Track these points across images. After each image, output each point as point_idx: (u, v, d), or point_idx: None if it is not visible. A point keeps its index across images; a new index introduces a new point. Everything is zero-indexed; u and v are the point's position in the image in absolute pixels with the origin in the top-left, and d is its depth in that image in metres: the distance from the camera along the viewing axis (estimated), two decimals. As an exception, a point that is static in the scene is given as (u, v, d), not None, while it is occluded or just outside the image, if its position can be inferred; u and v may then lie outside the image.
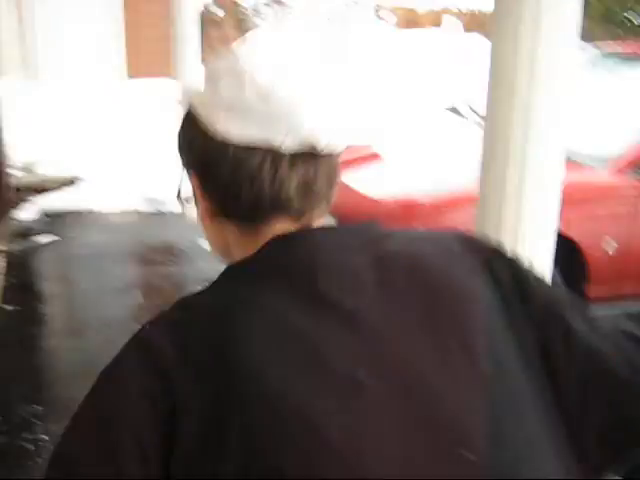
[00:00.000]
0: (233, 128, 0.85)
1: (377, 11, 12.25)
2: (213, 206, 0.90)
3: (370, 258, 0.85)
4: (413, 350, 0.79)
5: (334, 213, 2.08)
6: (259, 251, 0.86)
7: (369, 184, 3.72)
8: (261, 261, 0.85)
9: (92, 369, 0.87)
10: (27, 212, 6.01)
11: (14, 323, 4.15)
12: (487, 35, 8.19)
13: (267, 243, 0.86)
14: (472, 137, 4.32)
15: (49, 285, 4.84)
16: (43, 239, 5.50)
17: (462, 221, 3.40)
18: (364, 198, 3.59)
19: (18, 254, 5.21)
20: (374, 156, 4.15)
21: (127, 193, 6.05)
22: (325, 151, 0.87)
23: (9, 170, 5.99)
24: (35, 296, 4.63)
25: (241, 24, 11.24)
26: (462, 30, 10.80)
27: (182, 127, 0.93)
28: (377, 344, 0.79)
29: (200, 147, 0.88)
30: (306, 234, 0.87)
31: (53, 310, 4.38)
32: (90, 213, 6.00)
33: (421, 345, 0.80)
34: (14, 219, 5.84)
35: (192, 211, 0.97)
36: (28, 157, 6.62)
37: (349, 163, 4.06)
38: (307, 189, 0.87)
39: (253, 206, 0.86)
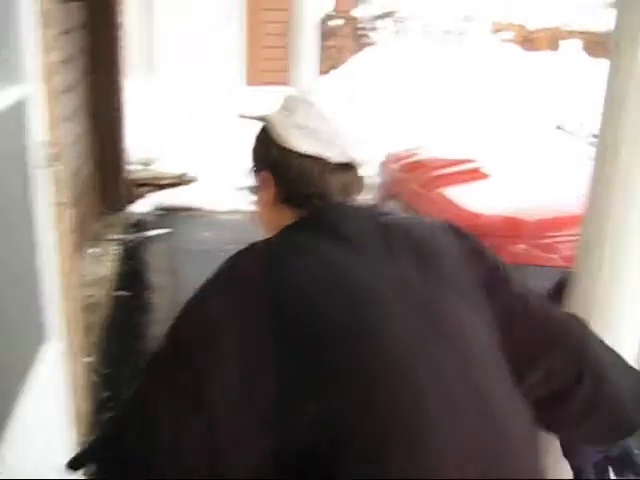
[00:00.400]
0: (301, 144, 1.26)
1: (494, 27, 12.14)
2: (279, 195, 1.29)
3: (375, 224, 1.23)
4: (405, 272, 1.15)
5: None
6: (302, 217, 1.24)
7: (473, 199, 3.71)
8: (304, 221, 1.23)
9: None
10: (141, 206, 6.31)
11: (124, 309, 4.40)
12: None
13: (309, 212, 1.24)
14: (581, 157, 4.26)
15: (157, 275, 5.07)
16: (154, 232, 5.78)
17: (566, 239, 3.38)
18: (467, 212, 3.59)
19: (131, 244, 5.49)
20: (477, 171, 4.14)
21: (236, 193, 6.25)
22: (358, 165, 1.30)
23: (128, 165, 6.32)
24: (144, 285, 4.87)
25: (358, 36, 11.38)
26: (582, 52, 10.54)
27: (259, 137, 1.34)
28: (382, 267, 1.15)
29: (275, 154, 1.28)
30: (332, 205, 1.26)
31: (160, 299, 4.58)
32: (200, 210, 6.25)
33: (410, 270, 1.16)
34: (130, 211, 6.16)
35: (252, 199, 1.39)
36: (146, 153, 6.94)
37: (452, 178, 4.08)
38: (344, 188, 1.28)
39: (307, 197, 1.26)
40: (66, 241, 2.63)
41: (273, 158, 1.28)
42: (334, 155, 1.26)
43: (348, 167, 1.28)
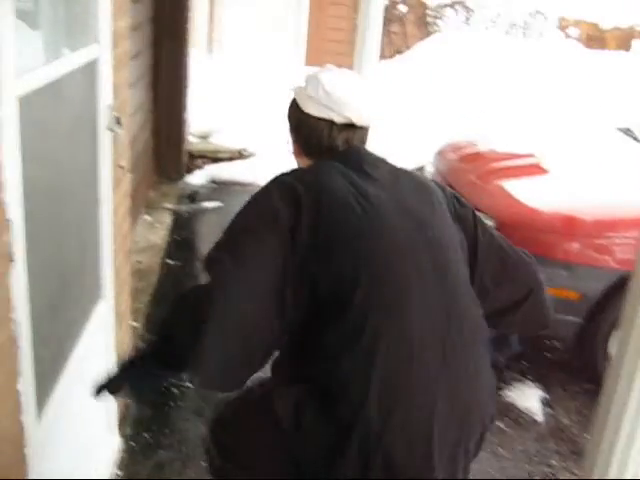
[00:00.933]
0: (312, 110, 1.69)
1: (561, 24, 11.88)
2: (301, 149, 1.76)
3: (386, 165, 1.71)
4: (405, 197, 1.64)
5: (494, 218, 2.08)
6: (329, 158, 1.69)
7: (531, 194, 3.66)
8: (334, 158, 1.67)
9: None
10: (197, 177, 6.37)
11: (173, 277, 4.46)
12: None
13: (336, 152, 1.69)
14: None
15: (207, 246, 5.12)
16: (207, 204, 5.84)
17: (622, 242, 3.32)
18: (524, 206, 3.54)
19: (184, 215, 5.56)
20: (536, 166, 4.08)
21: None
22: (358, 125, 1.69)
23: (187, 136, 6.38)
24: (194, 254, 4.94)
25: (423, 22, 11.26)
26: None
27: (290, 106, 1.77)
28: (389, 191, 1.62)
29: (297, 118, 1.74)
30: (355, 148, 1.72)
31: (208, 270, 4.61)
32: (252, 185, 6.28)
33: (412, 198, 1.65)
34: (185, 182, 6.22)
35: (289, 150, 1.81)
36: (205, 126, 6.99)
37: (511, 171, 4.02)
38: (348, 144, 1.70)
39: (319, 150, 1.71)
40: (122, 205, 2.67)
41: (295, 120, 1.75)
42: (337, 117, 1.67)
43: (351, 127, 1.69)
